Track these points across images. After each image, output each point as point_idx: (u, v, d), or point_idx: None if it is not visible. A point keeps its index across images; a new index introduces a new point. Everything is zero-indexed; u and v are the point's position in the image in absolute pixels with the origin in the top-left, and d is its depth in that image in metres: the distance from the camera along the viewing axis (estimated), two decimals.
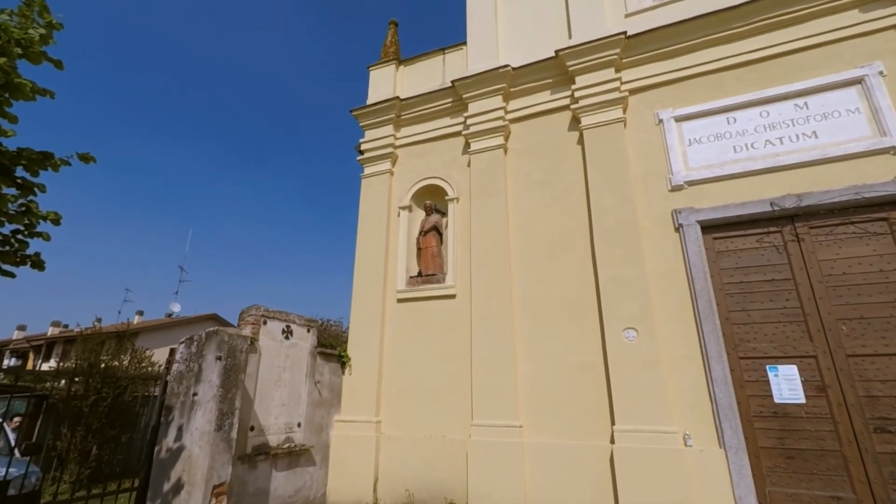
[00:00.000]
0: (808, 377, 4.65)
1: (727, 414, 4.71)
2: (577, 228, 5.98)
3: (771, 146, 5.32)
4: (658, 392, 4.93)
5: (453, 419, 5.90)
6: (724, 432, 4.66)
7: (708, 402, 4.84)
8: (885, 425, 4.30)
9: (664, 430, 4.79)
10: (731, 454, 4.57)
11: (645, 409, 4.94)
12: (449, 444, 5.77)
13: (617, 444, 4.91)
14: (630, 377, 5.09)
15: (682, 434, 4.81)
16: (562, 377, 5.53)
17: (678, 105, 5.88)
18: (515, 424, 5.44)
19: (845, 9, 5.31)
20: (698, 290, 5.16)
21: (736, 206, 5.25)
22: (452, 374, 6.10)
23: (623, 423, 4.98)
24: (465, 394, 5.91)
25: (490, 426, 5.54)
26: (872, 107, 4.96)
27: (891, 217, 4.74)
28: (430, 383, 6.21)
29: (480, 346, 5.93)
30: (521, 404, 5.62)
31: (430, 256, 6.81)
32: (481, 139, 6.87)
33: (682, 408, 4.91)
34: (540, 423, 5.48)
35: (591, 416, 5.26)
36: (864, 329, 4.58)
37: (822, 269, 4.86)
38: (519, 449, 5.33)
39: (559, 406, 5.45)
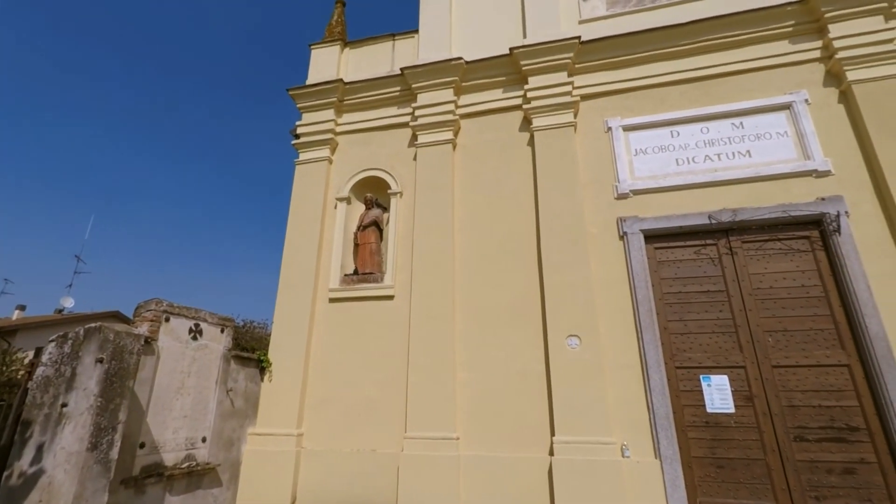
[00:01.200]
0: (737, 387, 4.76)
1: (663, 424, 4.69)
2: (525, 231, 5.79)
3: (710, 161, 5.48)
4: (599, 402, 4.82)
5: (385, 431, 5.41)
6: (660, 442, 4.62)
7: (645, 412, 4.80)
8: (803, 434, 4.48)
9: (603, 441, 4.67)
10: (666, 465, 4.54)
11: (585, 419, 4.80)
12: (379, 459, 5.27)
13: (556, 457, 4.71)
14: (572, 386, 4.94)
15: (620, 445, 4.72)
16: (503, 386, 5.26)
17: (626, 115, 5.92)
18: (452, 436, 5.07)
19: (778, 38, 5.64)
20: (640, 298, 5.14)
21: (677, 218, 5.33)
22: (387, 382, 5.61)
23: (563, 435, 4.80)
24: (400, 404, 5.45)
25: (425, 438, 5.13)
26: (799, 131, 5.27)
27: (812, 236, 5.02)
28: (361, 392, 5.67)
29: (418, 352, 5.51)
30: (459, 415, 5.27)
31: (367, 253, 6.29)
32: (430, 132, 6.50)
33: (621, 418, 4.83)
34: (478, 434, 5.16)
35: (532, 427, 5.03)
36: (787, 341, 4.78)
37: (752, 283, 5.04)
38: (455, 463, 4.96)
39: (499, 416, 5.17)
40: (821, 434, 4.44)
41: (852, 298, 4.61)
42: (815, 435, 4.45)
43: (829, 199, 4.94)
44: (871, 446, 4.29)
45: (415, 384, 5.39)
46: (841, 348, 4.62)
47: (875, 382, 4.37)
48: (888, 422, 4.24)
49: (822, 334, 4.71)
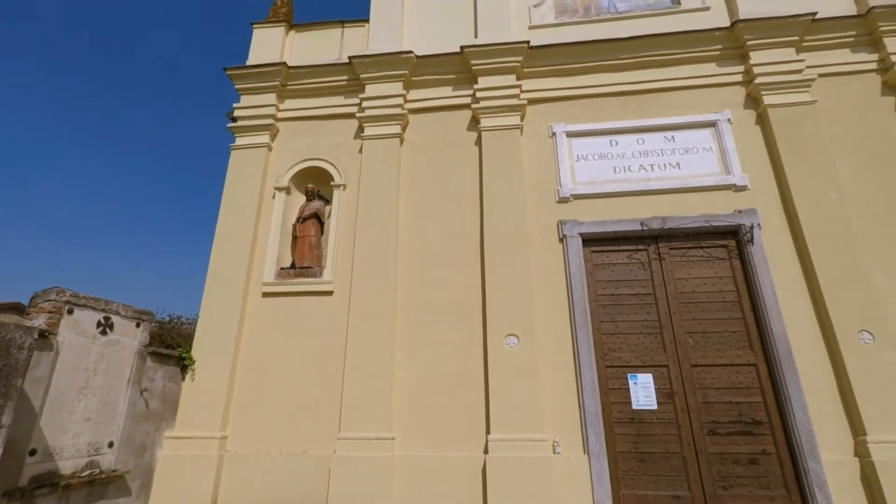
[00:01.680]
0: (660, 385, 5.05)
1: (593, 421, 4.86)
2: (469, 231, 5.80)
3: (644, 171, 5.78)
4: (534, 400, 4.91)
5: (318, 432, 5.20)
6: (589, 439, 4.80)
7: (577, 410, 4.96)
8: (715, 428, 4.83)
9: (536, 438, 4.77)
10: (594, 460, 4.71)
11: (520, 417, 4.87)
12: (310, 462, 5.05)
13: (490, 455, 4.75)
14: (508, 385, 5.00)
15: (552, 442, 4.84)
16: (441, 385, 5.23)
17: (570, 121, 6.10)
18: (387, 436, 4.96)
19: (707, 61, 6.06)
20: (576, 299, 5.31)
21: (613, 223, 5.57)
22: (322, 381, 5.39)
23: (498, 433, 4.85)
24: (335, 404, 5.26)
25: (359, 439, 4.97)
26: (722, 148, 5.69)
27: (729, 245, 5.44)
28: (294, 391, 5.41)
29: (356, 351, 5.35)
30: (396, 414, 5.17)
31: (306, 247, 6.02)
32: (377, 125, 6.34)
33: (553, 415, 4.96)
34: (415, 434, 5.09)
35: (469, 426, 5.04)
36: (705, 342, 5.13)
37: (677, 287, 5.37)
38: (389, 463, 4.86)
39: (437, 416, 5.13)
40: (730, 428, 4.81)
41: (761, 303, 5.04)
42: (725, 429, 4.81)
43: (745, 211, 5.37)
44: (771, 439, 4.71)
45: (351, 383, 5.23)
46: (750, 349, 5.04)
47: (777, 380, 4.80)
48: (786, 416, 4.67)
49: (735, 336, 5.11)
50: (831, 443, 4.53)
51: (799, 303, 5.00)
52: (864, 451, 4.39)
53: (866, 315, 4.75)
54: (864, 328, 4.72)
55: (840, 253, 4.98)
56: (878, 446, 4.34)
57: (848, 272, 4.91)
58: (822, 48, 5.87)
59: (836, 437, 4.54)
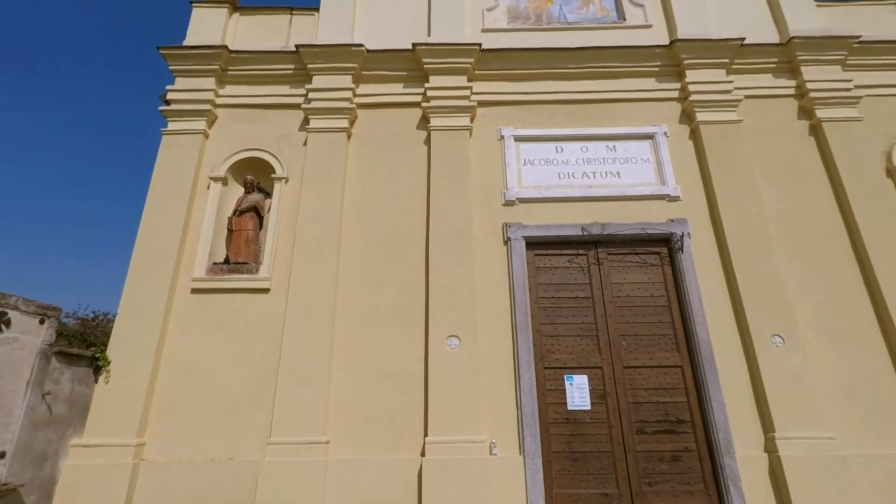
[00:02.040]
0: (594, 386, 5.20)
1: (529, 421, 4.93)
2: (415, 230, 5.73)
3: (587, 178, 5.96)
4: (472, 401, 4.91)
5: (247, 438, 4.92)
6: (525, 439, 4.86)
7: (514, 411, 5.00)
8: (643, 427, 5.04)
9: (474, 439, 4.77)
10: (529, 460, 4.77)
11: (458, 418, 4.85)
12: (237, 469, 4.76)
13: (426, 458, 4.69)
14: (448, 386, 4.97)
15: (489, 443, 4.86)
16: (381, 387, 5.11)
17: (519, 126, 6.19)
18: (321, 441, 4.78)
19: (647, 76, 6.35)
20: (518, 302, 5.38)
21: (556, 227, 5.69)
22: (254, 383, 5.12)
23: (435, 435, 4.80)
24: (267, 407, 5.00)
25: (290, 444, 4.76)
26: (658, 160, 5.97)
27: (662, 252, 5.71)
28: (223, 394, 5.09)
29: (291, 351, 5.12)
30: (332, 418, 4.99)
31: (243, 241, 5.70)
32: (324, 118, 6.13)
33: (492, 416, 4.98)
34: (351, 438, 4.94)
35: (406, 429, 4.96)
36: (637, 344, 5.35)
37: (613, 291, 5.56)
38: (322, 468, 4.67)
39: (375, 418, 5.01)
40: (657, 427, 5.03)
41: (688, 308, 5.32)
42: (652, 428, 5.03)
43: (677, 220, 5.66)
44: (692, 437, 4.98)
45: (284, 386, 4.99)
46: (677, 351, 5.31)
47: (700, 381, 5.08)
48: (707, 414, 4.95)
49: (664, 339, 5.37)
50: (745, 439, 4.85)
51: (721, 308, 5.32)
52: (772, 447, 4.73)
53: (778, 320, 5.13)
54: (776, 332, 5.10)
55: (758, 263, 5.36)
56: (784, 442, 4.69)
57: (764, 281, 5.29)
58: (748, 72, 6.32)
59: (749, 434, 4.86)
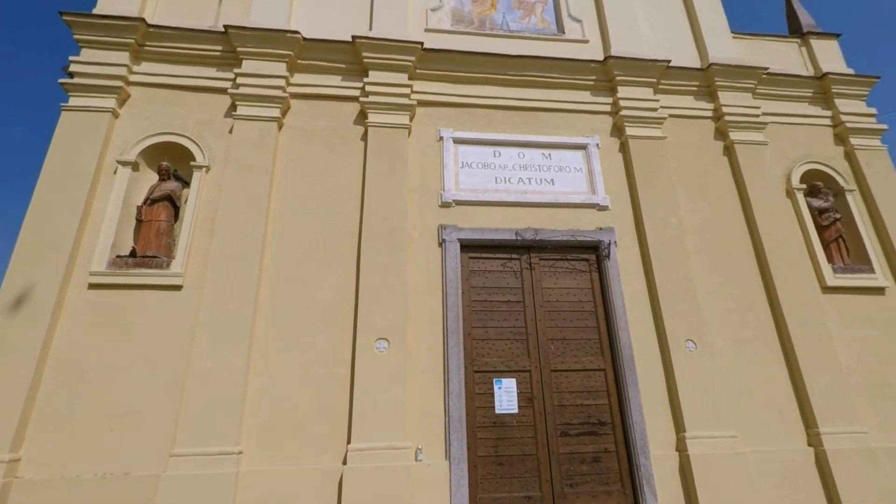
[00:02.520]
0: (522, 389, 5.24)
1: (456, 426, 4.86)
2: (347, 229, 5.51)
3: (522, 184, 6.05)
4: (399, 406, 4.77)
5: (147, 449, 4.44)
6: (452, 444, 4.78)
7: (442, 415, 4.92)
8: (567, 430, 5.14)
9: (399, 445, 4.62)
10: (454, 465, 4.70)
11: (384, 424, 4.69)
12: (133, 484, 4.28)
13: (348, 466, 4.48)
14: (375, 391, 4.79)
15: (415, 449, 4.73)
16: (305, 392, 4.83)
17: (458, 128, 6.17)
18: (233, 451, 4.42)
19: (582, 88, 6.58)
20: (450, 304, 5.32)
21: (491, 231, 5.71)
22: (158, 389, 4.65)
23: (359, 442, 4.60)
24: (172, 415, 4.55)
25: (198, 455, 4.35)
26: (590, 170, 6.19)
27: (590, 259, 5.90)
28: (121, 401, 4.57)
29: (204, 354, 4.71)
30: (248, 425, 4.64)
31: (153, 233, 5.19)
32: (253, 105, 5.76)
33: (419, 421, 4.86)
34: (268, 447, 4.61)
35: (331, 436, 4.72)
36: (564, 348, 5.47)
37: (543, 296, 5.66)
38: (232, 481, 4.31)
39: (295, 425, 4.71)
40: (580, 429, 5.15)
41: (612, 313, 5.53)
42: (576, 430, 5.15)
43: (605, 229, 5.88)
44: (612, 438, 5.15)
45: (194, 391, 4.58)
46: (601, 355, 5.48)
47: (621, 384, 5.28)
48: (626, 416, 5.15)
49: (589, 343, 5.53)
50: (659, 439, 5.09)
51: (642, 313, 5.58)
52: (682, 446, 4.99)
53: (692, 326, 5.46)
54: (689, 338, 5.41)
55: (675, 271, 5.68)
56: (693, 441, 4.97)
57: (680, 288, 5.61)
58: (673, 92, 6.73)
59: (663, 434, 5.11)
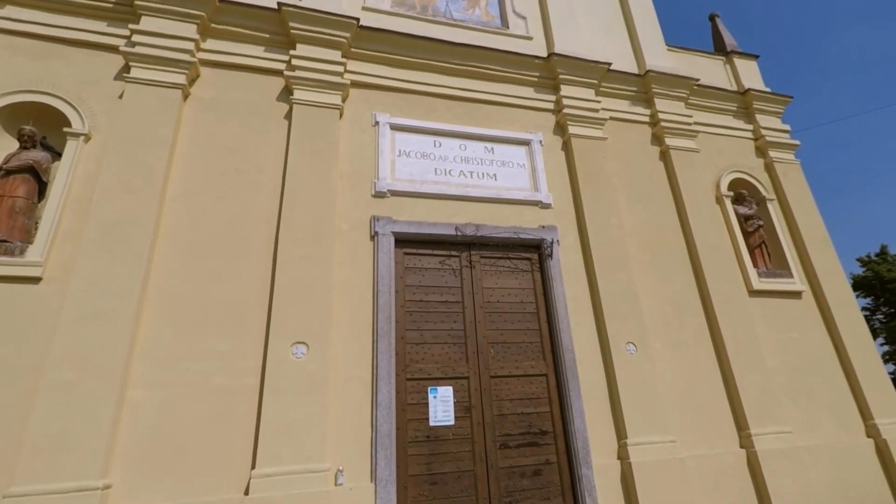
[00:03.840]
0: (459, 398, 4.76)
1: (384, 442, 4.26)
2: (263, 217, 4.78)
3: (464, 177, 5.66)
4: (317, 421, 4.09)
5: None
6: (378, 463, 4.17)
7: (369, 430, 4.30)
8: (507, 441, 4.72)
9: (315, 468, 3.93)
10: (381, 488, 4.09)
11: (298, 443, 3.98)
12: None
13: (251, 496, 3.72)
14: (288, 404, 4.08)
15: (335, 471, 4.06)
16: (198, 408, 3.99)
17: (396, 114, 5.68)
18: (95, 486, 3.48)
19: (526, 84, 6.38)
20: (381, 304, 4.74)
21: (428, 225, 5.24)
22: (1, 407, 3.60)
23: (266, 466, 3.85)
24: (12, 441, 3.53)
25: (44, 494, 3.37)
26: (533, 166, 5.95)
27: (533, 258, 5.61)
28: None
29: (64, 362, 3.74)
30: (120, 452, 3.72)
31: (5, 211, 4.13)
32: (152, 68, 4.88)
33: (341, 439, 4.20)
34: (147, 478, 3.71)
35: (231, 461, 3.91)
36: (505, 352, 5.08)
37: (484, 296, 5.26)
38: None
39: (186, 450, 3.86)
40: (520, 440, 4.75)
41: (554, 315, 5.24)
42: (516, 441, 4.74)
43: (547, 227, 5.63)
44: (554, 448, 4.80)
45: (46, 409, 3.59)
46: (542, 359, 5.16)
47: (563, 389, 4.97)
48: (568, 424, 4.83)
49: (531, 346, 5.19)
50: (601, 447, 4.81)
51: (584, 316, 5.35)
52: (624, 454, 4.75)
53: (632, 329, 5.31)
54: (630, 340, 5.25)
55: (617, 273, 5.54)
56: (634, 448, 4.75)
57: (621, 290, 5.46)
58: (612, 96, 6.74)
59: (604, 442, 4.85)
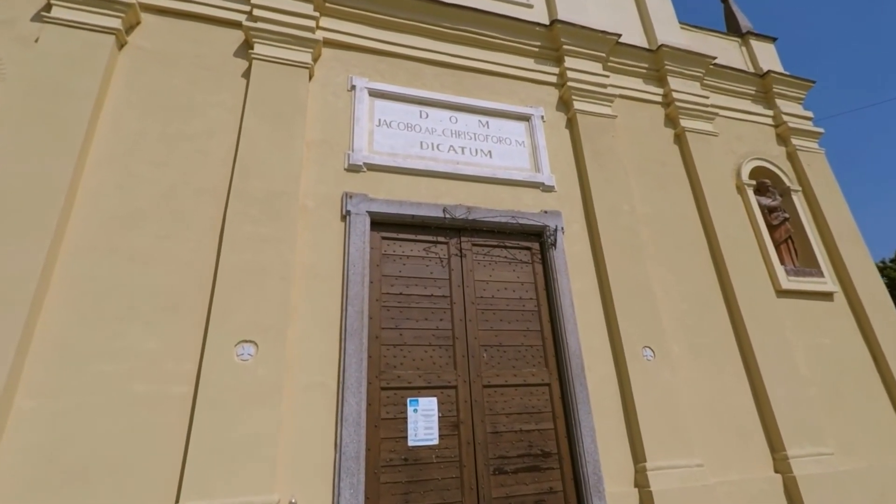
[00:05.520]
0: (445, 412, 3.92)
1: (350, 467, 3.39)
2: (210, 188, 3.94)
3: (454, 153, 4.89)
4: (267, 441, 3.22)
5: None
6: (342, 493, 3.30)
7: (332, 452, 3.44)
8: (503, 465, 3.87)
9: (260, 501, 3.05)
10: None
11: (240, 468, 3.11)
12: None
13: None
14: (229, 418, 3.21)
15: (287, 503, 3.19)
16: (111, 423, 3.11)
17: (376, 78, 4.90)
18: None
19: (526, 55, 5.66)
20: (351, 296, 3.91)
21: (411, 205, 4.44)
22: None
23: (194, 499, 2.96)
24: None
25: None
26: (534, 144, 5.20)
27: (533, 248, 4.83)
28: None
29: None
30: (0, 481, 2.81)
31: None
32: (79, 8, 4.06)
33: (296, 462, 3.34)
34: None
35: (149, 492, 3.02)
36: (500, 357, 4.26)
37: (476, 290, 4.45)
38: None
39: (89, 477, 2.96)
40: (518, 464, 3.91)
41: (559, 314, 4.45)
42: (513, 465, 3.89)
43: (550, 212, 4.87)
44: (559, 473, 3.96)
45: None
46: (545, 366, 4.35)
47: (569, 402, 4.16)
48: (575, 444, 4.01)
49: (531, 351, 4.38)
50: (615, 472, 4.00)
51: (593, 315, 4.57)
52: (643, 481, 3.94)
53: (649, 331, 4.54)
54: (646, 344, 4.48)
55: (631, 265, 4.78)
56: (655, 473, 3.94)
57: (635, 286, 4.70)
58: (622, 72, 6.05)
59: (619, 466, 4.04)
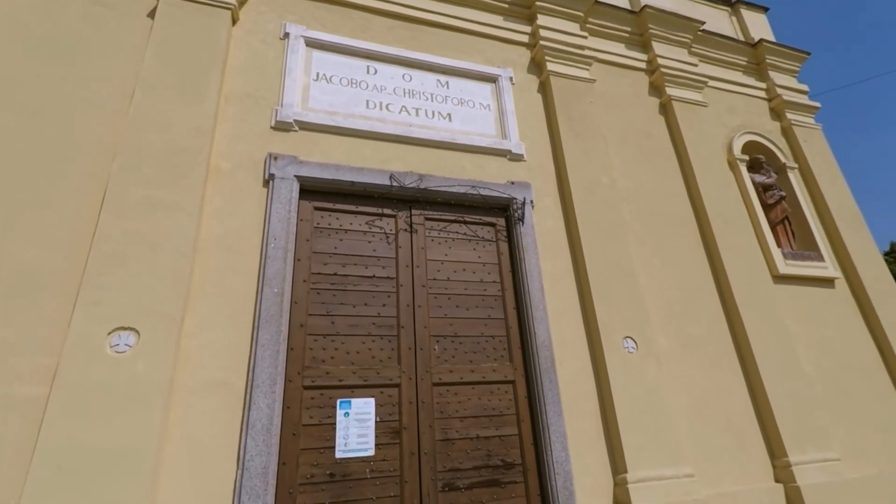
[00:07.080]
0: (385, 415, 3.22)
1: (256, 487, 2.68)
2: (95, 144, 3.22)
3: (406, 114, 4.21)
4: (143, 454, 2.50)
5: None
6: None
7: (232, 467, 2.72)
8: (454, 480, 3.18)
9: None
10: None
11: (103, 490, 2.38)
12: None
13: None
14: (92, 425, 2.48)
15: None
16: None
17: (315, 27, 4.22)
18: None
19: (493, 11, 5.02)
20: (270, 275, 3.20)
21: (351, 171, 3.75)
22: None
23: None
24: None
25: None
26: (501, 108, 4.56)
27: (498, 224, 4.16)
28: None
29: None
30: None
31: None
32: None
33: (182, 481, 2.62)
34: None
35: None
36: (455, 350, 3.58)
37: (428, 272, 3.77)
38: None
39: None
40: (474, 477, 3.23)
41: (526, 300, 3.79)
42: (467, 479, 3.21)
43: (518, 183, 4.22)
44: (523, 488, 3.28)
45: None
46: (509, 360, 3.68)
47: (536, 402, 3.49)
48: (544, 453, 3.34)
49: (493, 342, 3.71)
50: (590, 486, 3.34)
51: (566, 301, 3.92)
52: (623, 496, 3.29)
53: (632, 320, 3.90)
54: (628, 334, 3.84)
55: (610, 244, 4.15)
56: (637, 487, 3.29)
57: (616, 267, 4.07)
58: (601, 35, 5.44)
59: (595, 478, 3.38)
